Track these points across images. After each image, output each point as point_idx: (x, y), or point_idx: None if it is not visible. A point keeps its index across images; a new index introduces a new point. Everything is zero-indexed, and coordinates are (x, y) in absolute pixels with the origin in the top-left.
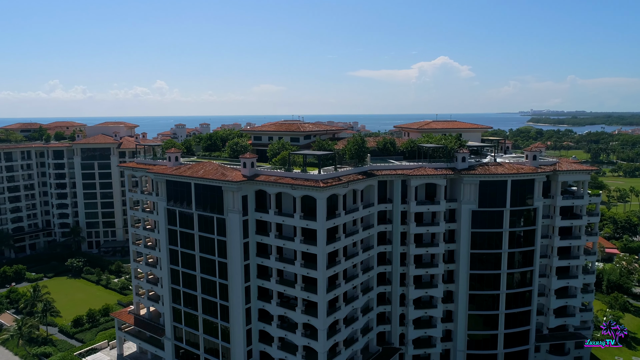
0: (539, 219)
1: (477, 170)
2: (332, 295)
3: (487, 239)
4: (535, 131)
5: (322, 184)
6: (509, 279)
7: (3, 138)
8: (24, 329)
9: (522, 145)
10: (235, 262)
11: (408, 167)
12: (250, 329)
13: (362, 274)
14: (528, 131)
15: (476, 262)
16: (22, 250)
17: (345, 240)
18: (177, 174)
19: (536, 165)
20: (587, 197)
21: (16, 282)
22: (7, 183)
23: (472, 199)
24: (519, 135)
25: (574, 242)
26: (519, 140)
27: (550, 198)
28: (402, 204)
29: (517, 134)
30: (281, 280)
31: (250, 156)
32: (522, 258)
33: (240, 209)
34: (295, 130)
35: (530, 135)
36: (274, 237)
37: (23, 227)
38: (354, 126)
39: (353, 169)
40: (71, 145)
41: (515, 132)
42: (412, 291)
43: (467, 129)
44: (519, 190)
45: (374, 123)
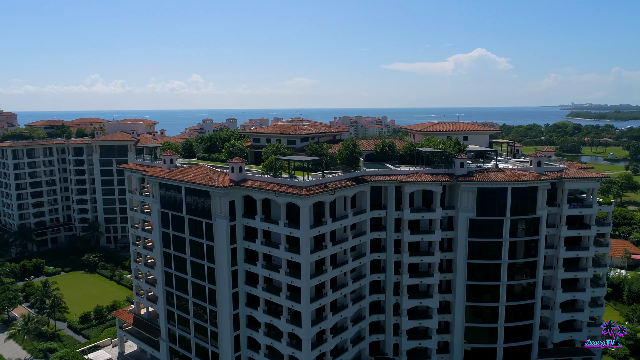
0: (542, 228)
1: (475, 176)
2: (317, 304)
3: (485, 248)
4: (572, 126)
5: (305, 192)
6: (509, 291)
7: (27, 135)
8: (30, 325)
9: (556, 142)
10: (222, 267)
11: (402, 172)
12: (238, 335)
13: (353, 282)
14: (565, 126)
15: (474, 273)
16: (44, 244)
17: (333, 249)
18: (168, 177)
19: (540, 171)
20: (597, 206)
21: (35, 276)
22: (30, 179)
23: (469, 206)
24: (555, 130)
25: (582, 253)
26: (554, 137)
27: (556, 206)
28: (396, 211)
29: (552, 129)
30: (268, 287)
31: (238, 160)
32: (523, 269)
33: (227, 214)
34: (292, 133)
35: (567, 130)
36: (261, 243)
37: (45, 222)
38: (382, 121)
39: (343, 175)
40: (90, 143)
41: (552, 127)
42: (406, 301)
43: (474, 132)
44: (521, 198)
45: (407, 117)
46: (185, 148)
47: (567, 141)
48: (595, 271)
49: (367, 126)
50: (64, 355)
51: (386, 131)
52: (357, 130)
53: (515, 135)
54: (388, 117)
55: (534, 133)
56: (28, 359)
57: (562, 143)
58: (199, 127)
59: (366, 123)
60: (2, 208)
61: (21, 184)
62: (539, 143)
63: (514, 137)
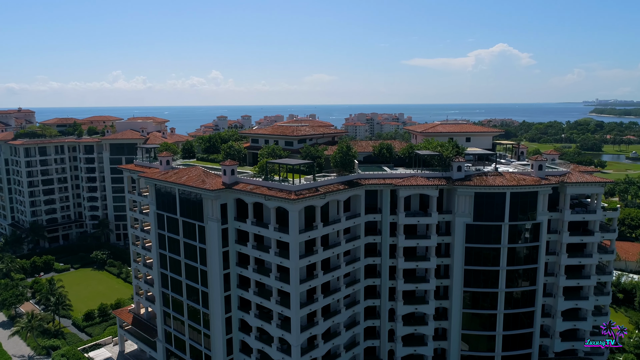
0: (542, 234)
1: (473, 181)
2: (307, 310)
3: (483, 255)
4: (594, 123)
5: (294, 196)
6: (507, 298)
7: (39, 133)
8: (34, 322)
9: (577, 140)
10: (214, 270)
11: (398, 175)
12: (231, 338)
13: (346, 287)
14: (587, 123)
15: (471, 279)
16: (56, 241)
17: (324, 254)
18: (163, 178)
19: (541, 176)
20: (601, 212)
21: (45, 272)
22: (42, 176)
23: (466, 211)
24: (576, 128)
25: (584, 260)
26: (574, 134)
27: (558, 212)
28: (392, 215)
29: (574, 126)
30: (260, 291)
31: (230, 163)
32: (522, 276)
33: (219, 217)
34: (289, 135)
35: (588, 128)
36: (252, 247)
37: (56, 219)
38: (399, 118)
39: (336, 179)
40: (100, 141)
41: (573, 124)
42: (401, 307)
43: (476, 133)
44: (520, 203)
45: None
46: (185, 148)
47: (587, 139)
48: (599, 279)
49: (383, 123)
50: (66, 352)
51: (402, 128)
52: (372, 127)
53: (535, 133)
54: (406, 114)
55: (554, 130)
56: (31, 355)
57: (583, 141)
58: (214, 124)
59: (382, 120)
60: (15, 205)
61: (33, 182)
62: (559, 141)
63: (533, 135)
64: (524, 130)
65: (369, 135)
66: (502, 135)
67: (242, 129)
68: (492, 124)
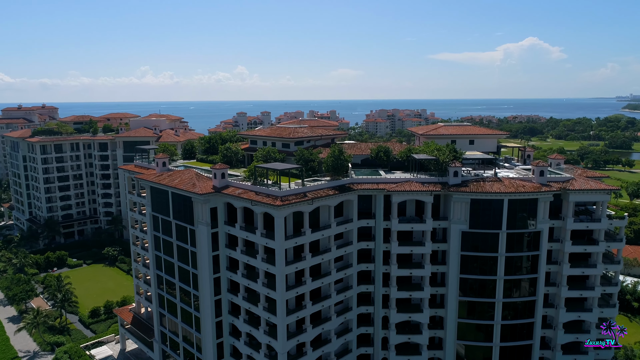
0: (543, 243)
1: (469, 186)
2: (294, 317)
3: (479, 263)
4: (626, 120)
5: (279, 202)
6: (505, 309)
7: (56, 130)
8: (39, 319)
9: (605, 137)
10: (204, 274)
11: (392, 180)
12: (222, 342)
13: (337, 294)
14: (617, 120)
15: (467, 288)
16: (71, 236)
17: (312, 260)
18: (157, 181)
19: (543, 182)
20: (606, 220)
21: (58, 267)
22: (57, 173)
23: (462, 218)
24: (606, 124)
25: (588, 270)
26: (603, 131)
27: (561, 219)
28: (385, 221)
29: (603, 123)
30: (249, 297)
31: (220, 167)
32: (521, 286)
33: (209, 221)
34: (285, 137)
35: (619, 125)
36: (241, 252)
37: (72, 215)
38: (421, 114)
39: (327, 183)
40: (114, 138)
41: (603, 121)
42: (394, 315)
43: (480, 135)
44: (519, 210)
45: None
46: (185, 149)
47: (617, 136)
48: (604, 290)
49: (405, 119)
50: (68, 349)
51: (425, 124)
52: (393, 123)
53: (562, 130)
54: (431, 109)
55: (582, 127)
56: (37, 351)
57: (612, 138)
58: (233, 120)
59: (404, 116)
60: (33, 201)
61: (49, 178)
62: (587, 138)
63: (560, 132)
64: (550, 127)
65: (389, 132)
66: (529, 131)
67: (261, 126)
68: (518, 120)
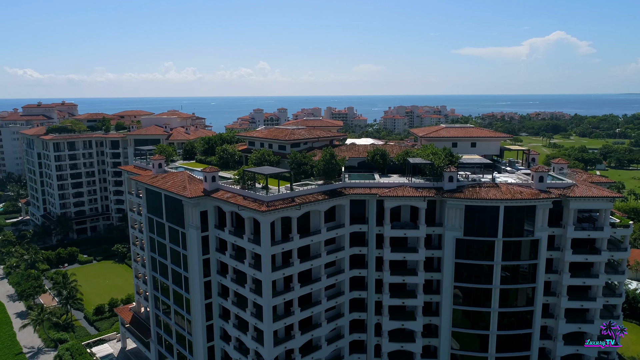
0: (541, 251)
1: (464, 192)
2: (281, 324)
3: (474, 271)
4: None
5: (264, 208)
6: (500, 318)
7: (70, 128)
8: (43, 315)
9: (631, 135)
10: (194, 277)
11: (385, 185)
12: (213, 346)
13: (328, 300)
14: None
15: (461, 296)
16: (84, 232)
17: (301, 266)
18: (150, 182)
19: (542, 188)
20: (609, 229)
21: (69, 264)
22: (70, 170)
23: (457, 225)
24: (633, 122)
25: (589, 280)
26: (629, 129)
27: (561, 227)
28: (378, 226)
29: (630, 120)
30: (238, 302)
31: (210, 170)
32: (519, 296)
33: (199, 224)
34: (281, 139)
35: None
36: (230, 257)
37: (84, 211)
38: (441, 110)
39: (317, 188)
40: (125, 136)
41: (630, 118)
42: (387, 322)
43: (482, 138)
44: (515, 218)
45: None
46: (185, 150)
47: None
48: (607, 301)
49: (424, 116)
50: (70, 347)
51: (444, 121)
52: (412, 120)
53: (586, 127)
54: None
55: (608, 125)
56: (41, 347)
57: (639, 136)
58: (250, 117)
59: (422, 113)
60: (47, 197)
61: (62, 175)
62: (612, 136)
63: (584, 129)
64: (574, 124)
65: (407, 129)
66: (552, 128)
67: (278, 122)
68: (541, 117)
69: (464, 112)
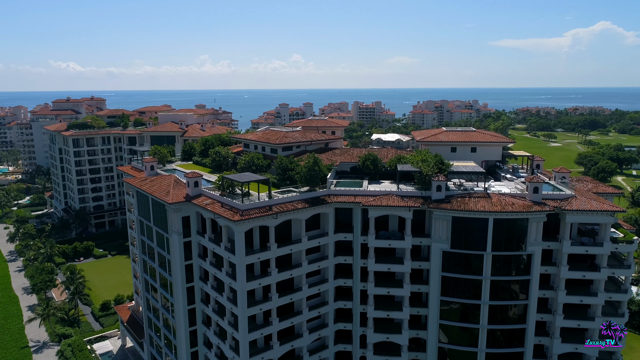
0: (534, 267)
1: (451, 203)
2: (258, 334)
3: (461, 286)
4: None
5: (237, 217)
6: (490, 336)
7: (90, 124)
8: (48, 311)
9: None
10: (177, 282)
11: (370, 193)
12: (196, 351)
13: (310, 310)
14: None
15: (448, 311)
16: (102, 226)
17: (279, 275)
18: (138, 186)
19: (537, 199)
20: (609, 245)
21: (84, 257)
22: (89, 165)
23: (443, 237)
24: None
25: (587, 299)
26: None
27: (557, 241)
28: (363, 236)
29: None
30: (218, 309)
31: (192, 175)
32: (509, 313)
33: (180, 230)
34: (272, 142)
35: None
36: (210, 264)
37: (103, 206)
38: (473, 105)
39: (298, 195)
40: (142, 133)
41: None
42: (371, 334)
43: (483, 143)
44: (506, 231)
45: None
46: (184, 150)
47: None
48: (609, 321)
49: (454, 111)
50: (72, 342)
51: (475, 116)
52: (441, 115)
53: (627, 123)
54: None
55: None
56: (46, 341)
57: None
58: (276, 112)
59: (453, 108)
60: (67, 191)
61: (82, 170)
62: None
63: (625, 125)
64: (614, 119)
65: (436, 125)
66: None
67: (303, 117)
68: (579, 113)
69: (498, 107)
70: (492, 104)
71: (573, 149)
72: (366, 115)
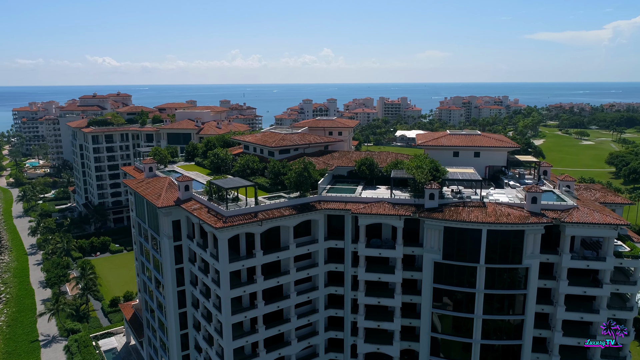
0: (531, 280)
1: (444, 212)
2: (243, 341)
3: (453, 298)
4: None
5: (220, 224)
6: (484, 351)
7: (109, 121)
8: (58, 306)
9: None
10: (167, 286)
11: (362, 200)
12: (188, 355)
13: (299, 318)
14: None
15: (440, 324)
16: (121, 222)
17: (265, 283)
18: (134, 188)
19: (535, 210)
20: (612, 259)
21: (101, 252)
22: (108, 162)
23: (435, 247)
24: None
25: (588, 316)
26: None
27: (556, 255)
28: (354, 243)
29: None
30: (207, 315)
31: (183, 179)
32: (505, 327)
33: (170, 234)
34: (269, 145)
35: None
36: (198, 269)
37: (121, 201)
38: (503, 101)
39: (287, 201)
40: (159, 130)
41: None
42: (362, 344)
43: (487, 148)
44: (501, 243)
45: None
46: (187, 151)
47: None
48: (609, 341)
49: (482, 107)
50: (79, 338)
51: (504, 113)
52: (469, 112)
53: None
54: (523, 94)
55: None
56: (55, 336)
57: None
58: (299, 107)
59: (481, 103)
60: (87, 187)
61: (101, 166)
62: None
63: None
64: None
65: (463, 121)
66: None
67: (327, 113)
68: (616, 109)
69: (530, 102)
70: (524, 99)
71: (606, 148)
72: (391, 111)
